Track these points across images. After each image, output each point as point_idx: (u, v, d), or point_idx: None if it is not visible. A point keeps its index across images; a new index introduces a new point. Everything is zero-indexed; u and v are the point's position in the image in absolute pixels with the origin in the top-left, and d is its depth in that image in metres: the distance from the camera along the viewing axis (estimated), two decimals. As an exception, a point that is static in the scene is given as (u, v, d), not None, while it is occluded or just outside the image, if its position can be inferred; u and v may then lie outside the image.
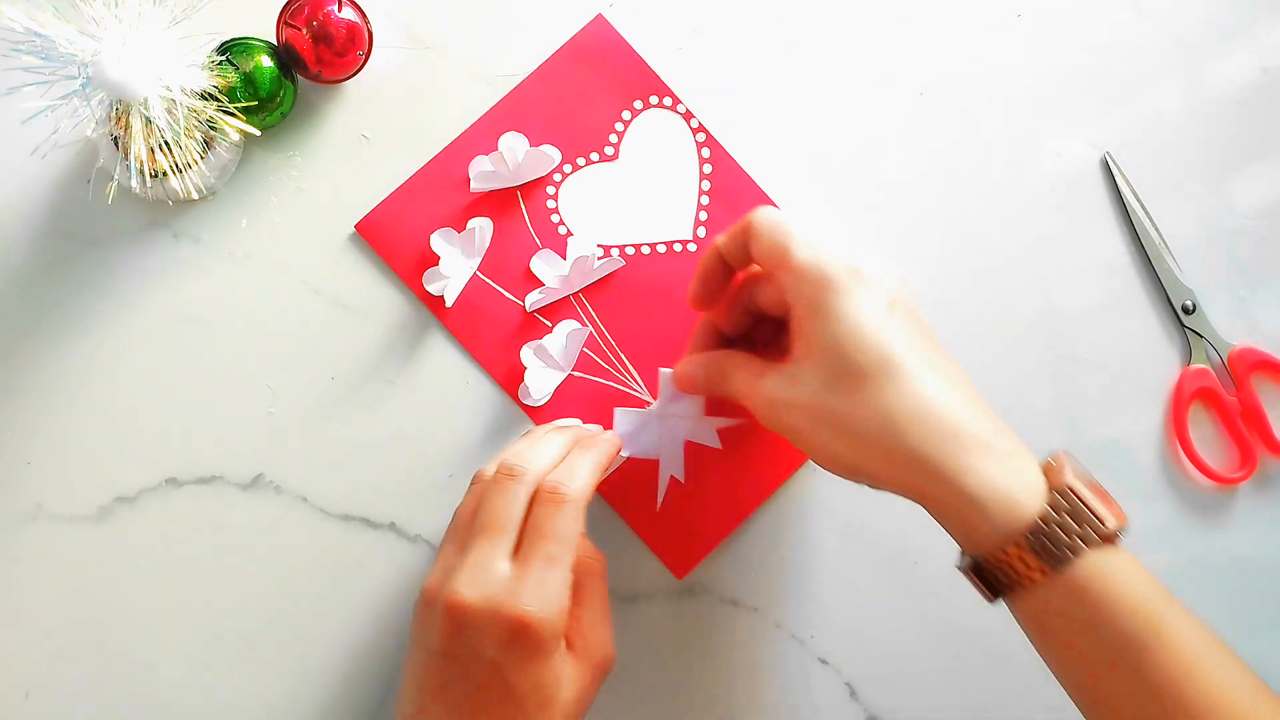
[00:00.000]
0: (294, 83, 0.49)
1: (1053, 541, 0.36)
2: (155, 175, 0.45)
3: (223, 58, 0.46)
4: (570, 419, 0.50)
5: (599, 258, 0.50)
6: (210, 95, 0.44)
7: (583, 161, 0.51)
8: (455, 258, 0.50)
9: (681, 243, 0.51)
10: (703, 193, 0.51)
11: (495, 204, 0.50)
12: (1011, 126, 0.53)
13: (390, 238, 0.50)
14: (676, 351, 0.49)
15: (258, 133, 0.45)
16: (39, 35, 0.39)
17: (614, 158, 0.51)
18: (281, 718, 0.48)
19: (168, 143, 0.43)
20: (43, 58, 0.40)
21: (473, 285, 0.50)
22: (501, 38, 0.51)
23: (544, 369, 0.50)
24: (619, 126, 0.51)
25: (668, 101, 0.51)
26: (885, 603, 0.51)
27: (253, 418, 0.49)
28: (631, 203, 0.51)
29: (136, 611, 0.48)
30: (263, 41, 0.47)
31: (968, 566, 0.39)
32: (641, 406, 0.50)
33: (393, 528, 0.49)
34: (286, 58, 0.48)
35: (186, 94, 0.43)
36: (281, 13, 0.47)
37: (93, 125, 0.41)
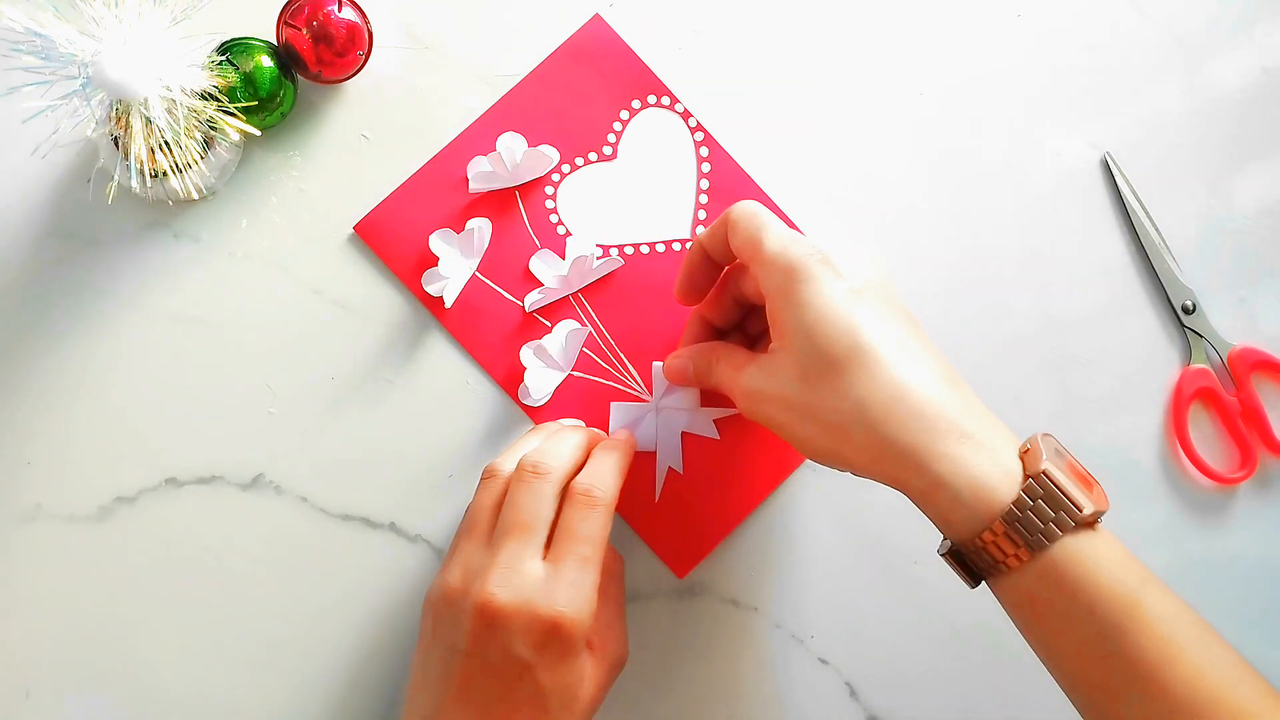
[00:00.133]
0: (294, 83, 0.49)
1: (1027, 527, 0.36)
2: (155, 175, 0.45)
3: (223, 58, 0.46)
4: (571, 420, 0.50)
5: (598, 257, 0.50)
6: (210, 95, 0.44)
7: (581, 161, 0.51)
8: (454, 258, 0.50)
9: (680, 242, 0.51)
10: (701, 192, 0.51)
11: (494, 204, 0.50)
12: (1011, 126, 0.53)
13: (389, 238, 0.50)
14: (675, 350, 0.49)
15: (258, 133, 0.45)
16: (39, 35, 0.39)
17: (612, 157, 0.51)
18: (282, 717, 0.48)
19: (168, 143, 0.43)
20: (43, 58, 0.40)
21: (472, 286, 0.50)
22: (501, 38, 0.51)
23: (544, 369, 0.50)
24: (617, 126, 0.51)
25: (665, 101, 0.52)
26: (885, 603, 0.51)
27: (253, 418, 0.49)
28: (630, 202, 0.51)
29: (136, 611, 0.48)
30: (263, 41, 0.47)
31: (947, 552, 0.40)
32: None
33: (393, 528, 0.49)
34: (286, 58, 0.48)
35: (186, 94, 0.43)
36: (281, 13, 0.47)
37: (93, 125, 0.41)
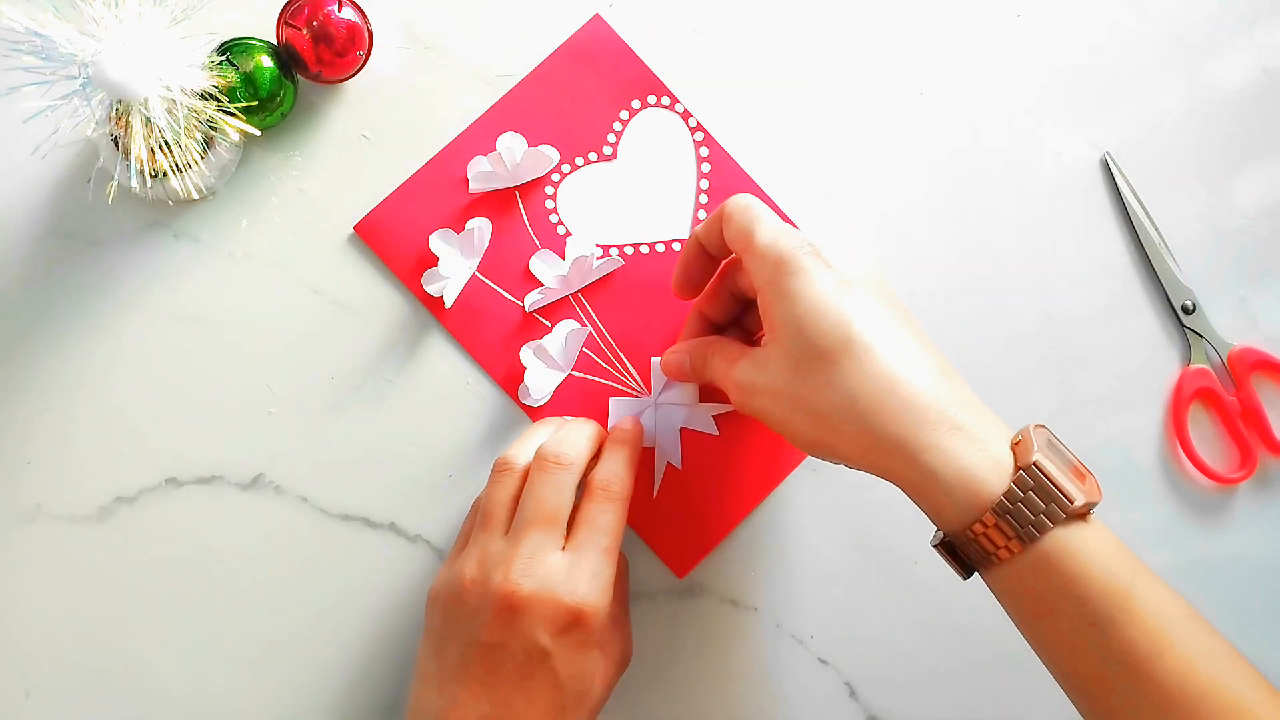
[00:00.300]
0: (294, 83, 0.49)
1: (1017, 519, 0.36)
2: (155, 175, 0.45)
3: (223, 58, 0.46)
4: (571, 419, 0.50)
5: (598, 257, 0.50)
6: (210, 95, 0.44)
7: (581, 161, 0.51)
8: (454, 258, 0.50)
9: (680, 242, 0.51)
10: (701, 191, 0.51)
11: (494, 204, 0.50)
12: (1011, 127, 0.53)
13: (389, 238, 0.50)
14: (675, 351, 0.49)
15: (258, 133, 0.45)
16: (39, 35, 0.39)
17: (612, 157, 0.51)
18: (282, 717, 0.48)
19: (168, 143, 0.43)
20: (43, 58, 0.40)
21: (472, 286, 0.50)
22: (501, 38, 0.51)
23: (544, 369, 0.50)
24: (617, 126, 0.51)
25: (665, 101, 0.51)
26: (885, 603, 0.51)
27: (253, 418, 0.49)
28: (630, 202, 0.51)
29: (136, 611, 0.48)
30: (263, 41, 0.47)
31: (939, 543, 0.40)
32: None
33: (393, 528, 0.49)
34: (286, 58, 0.48)
35: (186, 94, 0.43)
36: (281, 13, 0.47)
37: (93, 125, 0.41)
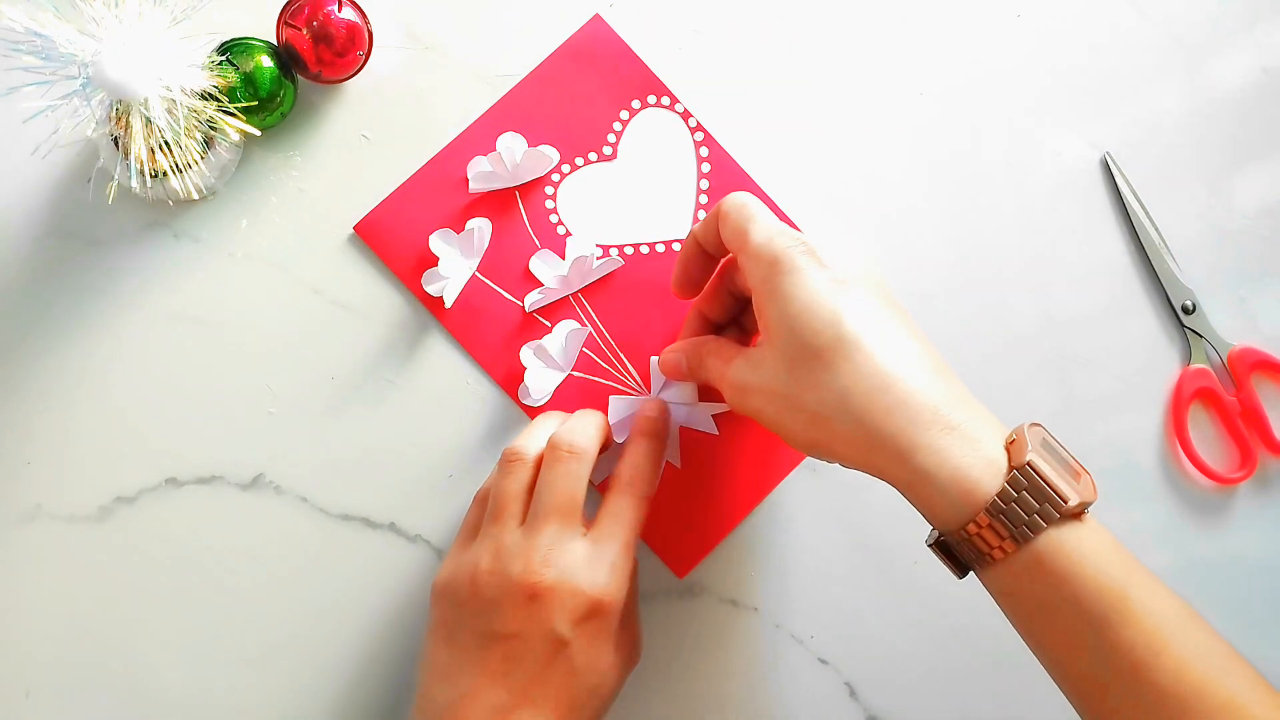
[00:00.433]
0: (294, 83, 0.49)
1: (1011, 519, 0.36)
2: (155, 175, 0.45)
3: (223, 58, 0.46)
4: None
5: (598, 258, 0.50)
6: (210, 95, 0.44)
7: (581, 161, 0.51)
8: (454, 258, 0.50)
9: (680, 242, 0.51)
10: (701, 192, 0.51)
11: (494, 204, 0.50)
12: (1011, 127, 0.53)
13: (389, 238, 0.50)
14: (675, 351, 0.49)
15: (258, 133, 0.45)
16: (39, 35, 0.39)
17: (612, 157, 0.51)
18: (282, 717, 0.48)
19: (168, 143, 0.43)
20: (43, 58, 0.40)
21: (472, 286, 0.50)
22: (501, 38, 0.51)
23: (544, 369, 0.50)
24: (617, 126, 0.51)
25: (665, 101, 0.51)
26: (885, 603, 0.51)
27: (253, 418, 0.49)
28: (630, 202, 0.51)
29: (136, 611, 0.48)
30: (263, 41, 0.47)
31: (934, 542, 0.39)
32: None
33: (393, 528, 0.49)
34: (286, 58, 0.48)
35: (186, 94, 0.43)
36: (281, 13, 0.47)
37: (93, 125, 0.41)
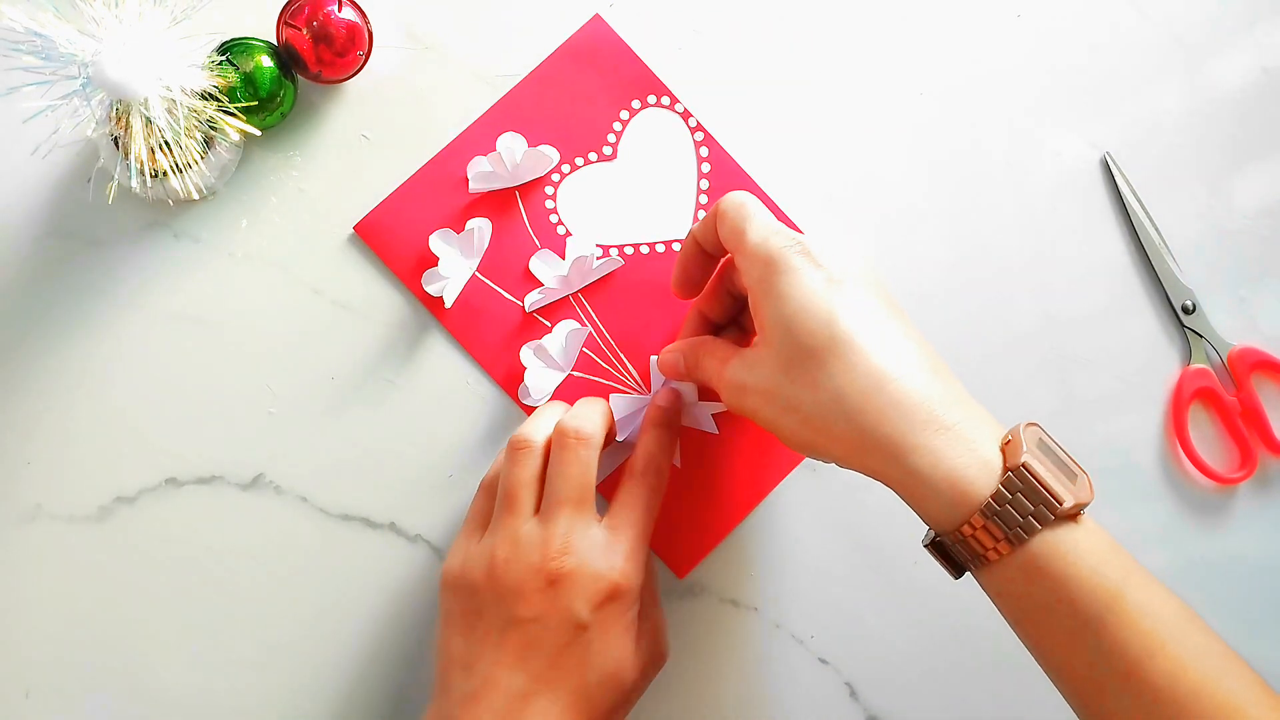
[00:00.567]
0: (294, 83, 0.49)
1: (1005, 521, 0.36)
2: (155, 175, 0.45)
3: (223, 58, 0.46)
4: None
5: (598, 258, 0.50)
6: (210, 95, 0.44)
7: (581, 161, 0.51)
8: (454, 258, 0.50)
9: (680, 242, 0.51)
10: (701, 192, 0.51)
11: (494, 204, 0.50)
12: (1011, 127, 0.53)
13: (389, 238, 0.50)
14: (675, 351, 0.48)
15: (258, 133, 0.45)
16: (39, 35, 0.39)
17: (612, 157, 0.51)
18: (282, 717, 0.48)
19: (168, 143, 0.43)
20: (43, 58, 0.40)
21: (472, 286, 0.50)
22: (501, 38, 0.51)
23: (544, 369, 0.50)
24: (617, 126, 0.51)
25: (665, 101, 0.51)
26: (885, 603, 0.51)
27: (253, 418, 0.49)
28: (630, 202, 0.51)
29: (136, 611, 0.48)
30: (263, 41, 0.47)
31: (930, 543, 0.39)
32: None
33: (393, 528, 0.49)
34: (286, 58, 0.48)
35: (186, 94, 0.43)
36: (281, 13, 0.47)
37: (93, 125, 0.41)
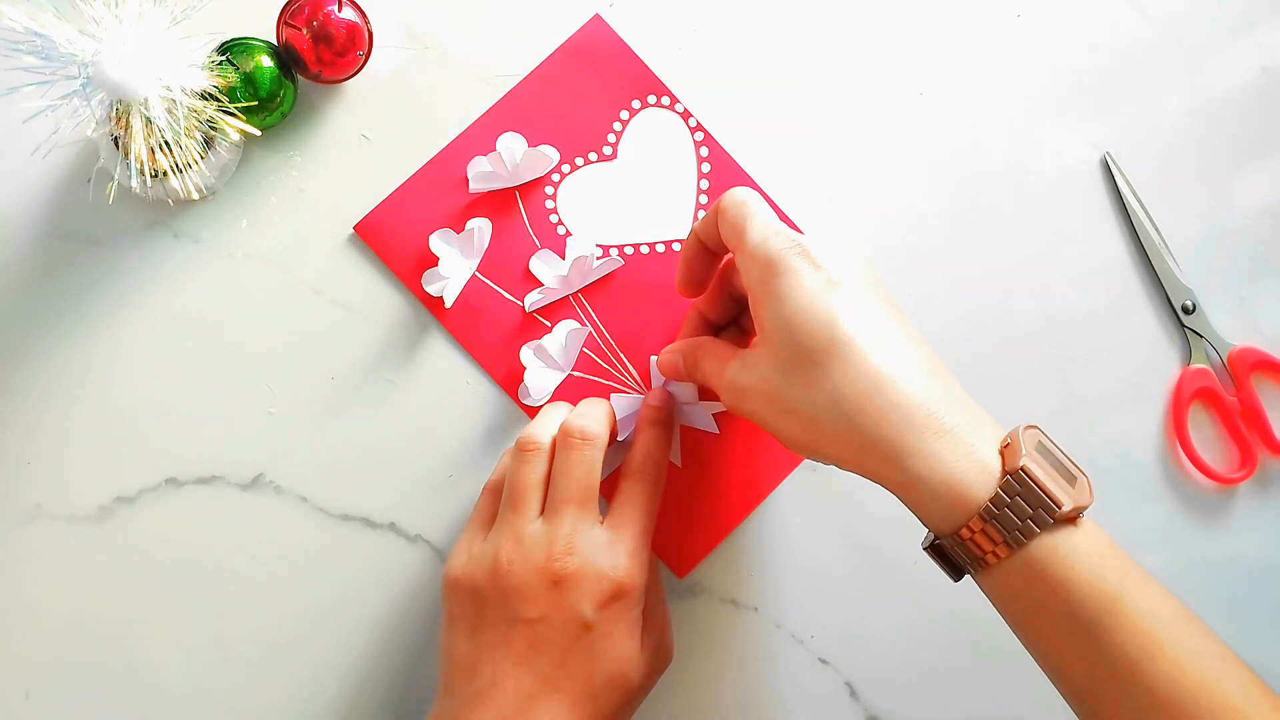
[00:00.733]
0: (294, 83, 0.49)
1: (1004, 524, 0.36)
2: (155, 175, 0.45)
3: (223, 58, 0.46)
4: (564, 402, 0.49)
5: (598, 257, 0.50)
6: (210, 95, 0.44)
7: (581, 161, 0.51)
8: (454, 258, 0.50)
9: (680, 242, 0.51)
10: (701, 192, 0.51)
11: (494, 204, 0.50)
12: (1011, 127, 0.53)
13: (389, 238, 0.50)
14: (675, 351, 0.48)
15: (258, 133, 0.45)
16: (39, 35, 0.39)
17: (612, 157, 0.51)
18: (282, 717, 0.48)
19: (168, 143, 0.43)
20: (43, 58, 0.40)
21: (472, 286, 0.50)
22: (501, 38, 0.51)
23: (544, 369, 0.50)
24: (617, 126, 0.51)
25: (665, 101, 0.52)
26: (885, 603, 0.51)
27: (253, 418, 0.49)
28: (630, 202, 0.51)
29: (136, 611, 0.48)
30: (263, 41, 0.47)
31: (929, 546, 0.39)
32: None
33: (393, 528, 0.49)
34: (286, 58, 0.48)
35: (187, 94, 0.43)
36: (281, 13, 0.47)
37: (93, 125, 0.41)
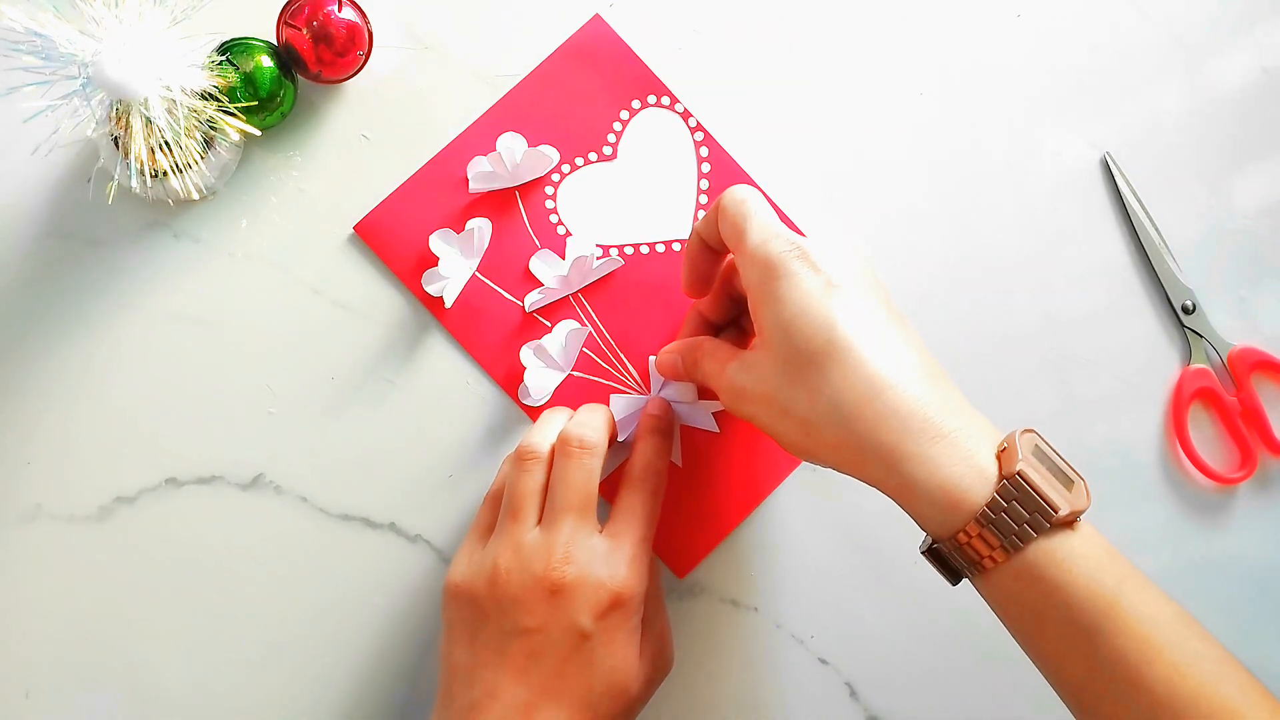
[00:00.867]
0: (294, 83, 0.49)
1: (1001, 529, 0.36)
2: (155, 175, 0.45)
3: (223, 58, 0.46)
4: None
5: (598, 257, 0.50)
6: (210, 95, 0.44)
7: (581, 161, 0.51)
8: (454, 258, 0.50)
9: (680, 242, 0.51)
10: (701, 192, 0.51)
11: (494, 204, 0.50)
12: (1011, 127, 0.53)
13: (389, 238, 0.50)
14: (675, 351, 0.48)
15: (258, 133, 0.45)
16: (39, 35, 0.39)
17: (612, 157, 0.51)
18: (282, 717, 0.48)
19: (168, 143, 0.43)
20: (43, 58, 0.40)
21: (472, 286, 0.50)
22: (501, 38, 0.51)
23: (544, 369, 0.50)
24: (617, 126, 0.51)
25: (665, 101, 0.52)
26: (885, 603, 0.51)
27: (253, 418, 0.49)
28: (630, 202, 0.51)
29: (136, 611, 0.48)
30: (263, 41, 0.47)
31: (927, 550, 0.39)
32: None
33: (393, 528, 0.49)
34: (287, 58, 0.48)
35: (187, 94, 0.43)
36: (281, 13, 0.47)
37: (93, 125, 0.41)
